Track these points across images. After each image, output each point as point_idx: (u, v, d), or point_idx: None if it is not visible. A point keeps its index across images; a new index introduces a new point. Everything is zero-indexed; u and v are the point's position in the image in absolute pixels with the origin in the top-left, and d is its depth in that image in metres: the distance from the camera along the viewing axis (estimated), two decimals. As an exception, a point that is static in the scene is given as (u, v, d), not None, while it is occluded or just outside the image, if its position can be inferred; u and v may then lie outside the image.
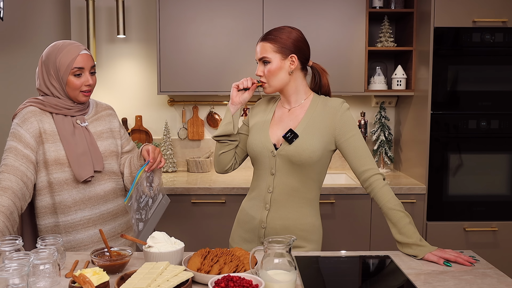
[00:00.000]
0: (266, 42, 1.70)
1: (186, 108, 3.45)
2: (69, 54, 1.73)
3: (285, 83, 1.73)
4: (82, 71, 1.75)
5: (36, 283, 1.30)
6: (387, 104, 3.43)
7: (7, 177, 1.63)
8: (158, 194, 1.85)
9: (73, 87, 1.74)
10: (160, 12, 3.03)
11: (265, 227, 1.76)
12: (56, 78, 1.74)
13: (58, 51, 1.74)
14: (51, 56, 1.74)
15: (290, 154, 1.69)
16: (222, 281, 1.21)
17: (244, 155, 1.89)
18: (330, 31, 3.05)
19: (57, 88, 1.76)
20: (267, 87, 1.75)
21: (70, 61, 1.72)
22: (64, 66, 1.72)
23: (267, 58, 1.70)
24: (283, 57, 1.69)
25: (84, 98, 1.78)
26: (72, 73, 1.73)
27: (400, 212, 1.61)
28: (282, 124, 1.76)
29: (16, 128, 1.72)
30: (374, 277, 1.51)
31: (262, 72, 1.73)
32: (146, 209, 1.78)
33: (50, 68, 1.74)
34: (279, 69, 1.70)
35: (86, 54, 1.76)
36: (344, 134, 1.70)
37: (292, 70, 1.71)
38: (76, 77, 1.74)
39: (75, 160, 1.72)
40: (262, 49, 1.71)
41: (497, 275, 1.44)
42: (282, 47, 1.69)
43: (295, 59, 1.70)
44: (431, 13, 2.78)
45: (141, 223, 1.75)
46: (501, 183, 2.87)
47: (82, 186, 1.77)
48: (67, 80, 1.73)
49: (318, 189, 1.78)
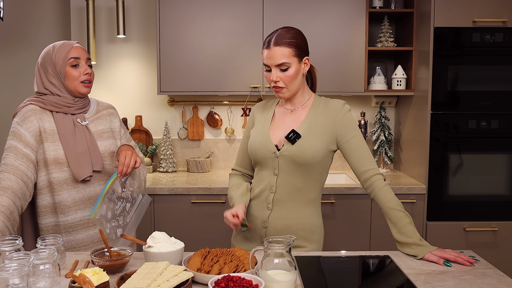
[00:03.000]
0: (283, 46, 1.64)
1: (186, 108, 3.45)
2: (63, 47, 1.76)
3: (300, 86, 1.74)
4: (79, 61, 1.77)
5: (36, 283, 1.30)
6: (387, 104, 3.43)
7: (7, 176, 1.63)
8: (137, 196, 1.82)
9: (72, 78, 1.76)
10: (160, 12, 3.03)
11: (266, 227, 1.76)
12: (55, 74, 1.75)
13: (53, 49, 1.78)
14: (47, 55, 1.77)
15: (293, 154, 1.69)
16: (222, 281, 1.21)
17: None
18: (330, 31, 3.05)
19: (56, 85, 1.76)
20: (285, 92, 1.70)
21: (65, 53, 1.75)
22: (60, 59, 1.75)
23: (287, 63, 1.65)
24: (299, 60, 1.68)
25: (84, 89, 1.79)
26: (69, 64, 1.75)
27: (400, 212, 1.61)
28: (284, 125, 1.76)
29: (16, 127, 1.72)
30: (374, 277, 1.51)
31: (279, 78, 1.67)
32: (124, 214, 1.75)
33: (48, 67, 1.76)
34: (297, 73, 1.69)
35: (79, 46, 1.80)
36: (345, 135, 1.71)
37: (305, 71, 1.72)
38: (74, 68, 1.76)
39: (74, 159, 1.72)
40: (280, 54, 1.64)
41: (497, 275, 1.44)
42: (299, 51, 1.67)
43: (308, 61, 1.71)
44: (431, 13, 2.78)
45: (119, 229, 1.72)
46: (501, 183, 2.86)
47: (82, 186, 1.77)
48: (66, 72, 1.75)
49: (320, 189, 1.78)
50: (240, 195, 1.77)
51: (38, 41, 3.19)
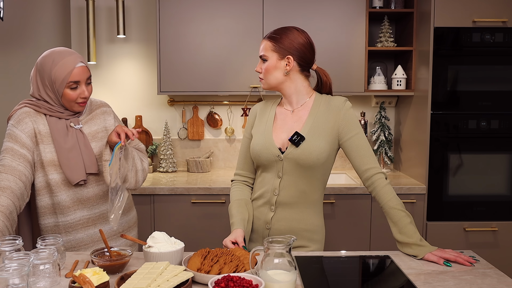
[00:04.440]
0: (267, 40, 1.72)
1: (186, 108, 3.45)
2: (64, 67, 1.69)
3: (279, 82, 1.73)
4: (78, 84, 1.72)
5: (36, 283, 1.30)
6: (387, 104, 3.43)
7: (5, 177, 1.63)
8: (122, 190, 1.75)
9: (68, 99, 1.73)
10: (160, 12, 3.03)
11: (269, 228, 1.76)
12: (52, 90, 1.73)
13: (53, 63, 1.70)
14: (46, 67, 1.71)
15: (298, 157, 1.68)
16: (222, 281, 1.21)
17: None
18: (330, 31, 3.05)
19: (52, 98, 1.74)
20: (264, 83, 1.76)
21: (65, 75, 1.69)
22: (59, 80, 1.69)
23: (265, 56, 1.71)
24: (279, 57, 1.69)
25: (79, 109, 1.77)
26: (67, 86, 1.70)
27: (401, 212, 1.61)
28: (286, 127, 1.75)
29: (11, 129, 1.72)
30: (374, 277, 1.51)
31: (260, 69, 1.74)
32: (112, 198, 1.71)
33: (45, 79, 1.72)
34: (274, 68, 1.70)
35: (82, 66, 1.72)
36: (347, 133, 1.70)
37: (287, 71, 1.70)
38: (72, 90, 1.71)
39: (66, 163, 1.72)
40: (263, 46, 1.72)
41: (497, 275, 1.44)
42: (280, 47, 1.69)
43: (291, 61, 1.69)
44: (431, 13, 2.78)
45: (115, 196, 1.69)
46: (501, 183, 2.86)
47: (79, 187, 1.77)
48: (63, 93, 1.71)
49: (322, 190, 1.78)
50: (241, 219, 1.74)
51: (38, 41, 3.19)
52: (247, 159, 1.85)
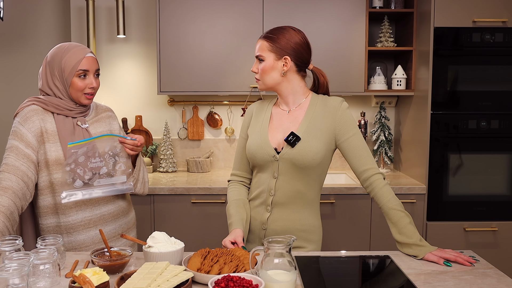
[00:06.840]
0: (264, 40, 1.71)
1: (186, 108, 3.45)
2: (75, 56, 1.73)
3: (276, 83, 1.72)
4: (87, 73, 1.75)
5: (36, 283, 1.30)
6: (387, 104, 3.43)
7: (8, 176, 1.63)
8: (120, 176, 1.78)
9: (76, 88, 1.74)
10: (160, 12, 3.03)
11: (265, 229, 1.76)
12: (60, 79, 1.74)
13: (64, 52, 1.74)
14: (57, 57, 1.75)
15: (294, 158, 1.67)
16: (222, 281, 1.21)
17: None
18: (330, 31, 3.05)
19: (60, 89, 1.76)
20: (261, 84, 1.75)
21: (75, 63, 1.72)
22: (69, 68, 1.72)
23: (262, 56, 1.70)
24: (277, 58, 1.69)
25: (86, 101, 1.78)
26: (76, 75, 1.73)
27: (400, 212, 1.61)
28: (282, 127, 1.74)
29: (17, 127, 1.72)
30: (374, 277, 1.51)
31: (257, 69, 1.73)
32: (95, 173, 1.72)
33: (55, 69, 1.74)
34: (271, 68, 1.69)
35: (91, 57, 1.77)
36: (344, 133, 1.69)
37: (285, 71, 1.70)
38: (81, 79, 1.74)
39: None
40: (259, 46, 1.71)
41: (497, 275, 1.44)
42: (277, 47, 1.68)
43: (288, 61, 1.69)
44: (431, 13, 2.78)
45: (78, 180, 1.69)
46: (501, 183, 2.87)
47: None
48: (71, 82, 1.73)
49: (319, 190, 1.78)
50: (239, 219, 1.73)
51: (38, 41, 3.19)
52: (243, 159, 1.85)
